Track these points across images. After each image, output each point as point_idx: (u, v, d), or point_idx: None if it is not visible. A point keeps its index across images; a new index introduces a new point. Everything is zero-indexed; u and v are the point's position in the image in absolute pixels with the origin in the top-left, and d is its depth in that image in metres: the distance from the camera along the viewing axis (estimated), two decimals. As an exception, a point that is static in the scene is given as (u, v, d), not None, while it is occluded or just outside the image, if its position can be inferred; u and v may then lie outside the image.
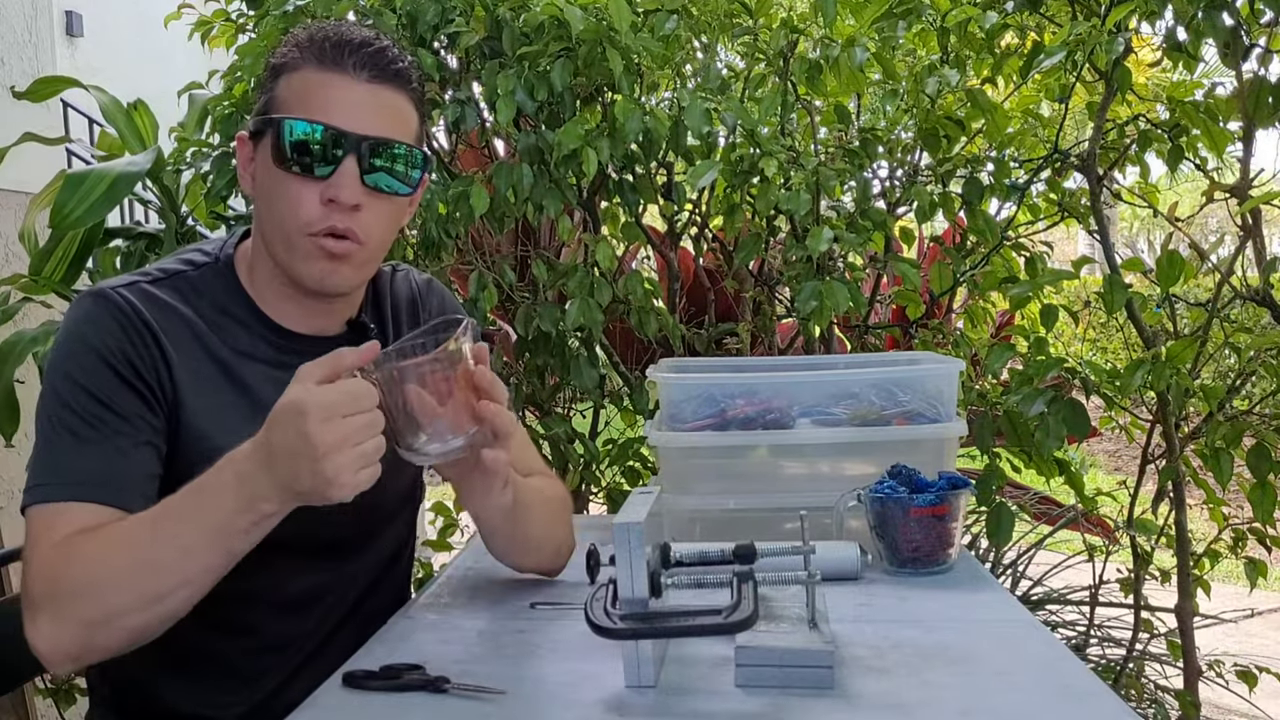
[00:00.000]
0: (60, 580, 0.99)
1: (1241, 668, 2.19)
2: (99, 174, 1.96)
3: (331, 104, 1.10)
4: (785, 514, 1.35)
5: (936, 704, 0.93)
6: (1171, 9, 1.86)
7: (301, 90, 1.11)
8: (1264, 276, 1.93)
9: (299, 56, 1.12)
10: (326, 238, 1.11)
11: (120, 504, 1.04)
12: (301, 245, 1.12)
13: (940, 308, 2.31)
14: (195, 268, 1.19)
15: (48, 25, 4.65)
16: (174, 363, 1.12)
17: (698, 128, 1.91)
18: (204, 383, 1.14)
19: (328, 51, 1.11)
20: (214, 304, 1.17)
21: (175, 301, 1.15)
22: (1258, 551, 2.09)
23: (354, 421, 0.94)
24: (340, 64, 1.11)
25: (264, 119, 1.13)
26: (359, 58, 1.11)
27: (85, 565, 0.98)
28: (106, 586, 0.98)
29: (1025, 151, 2.12)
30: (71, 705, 2.26)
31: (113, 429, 1.07)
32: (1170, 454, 2.04)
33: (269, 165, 1.12)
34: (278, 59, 1.15)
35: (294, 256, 1.13)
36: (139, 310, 1.11)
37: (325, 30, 1.13)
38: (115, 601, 0.98)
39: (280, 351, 1.19)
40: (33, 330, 2.05)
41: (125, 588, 0.98)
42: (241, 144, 1.18)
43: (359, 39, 1.12)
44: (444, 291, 1.40)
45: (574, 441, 2.18)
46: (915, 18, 2.07)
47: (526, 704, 0.96)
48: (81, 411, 1.07)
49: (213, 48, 2.33)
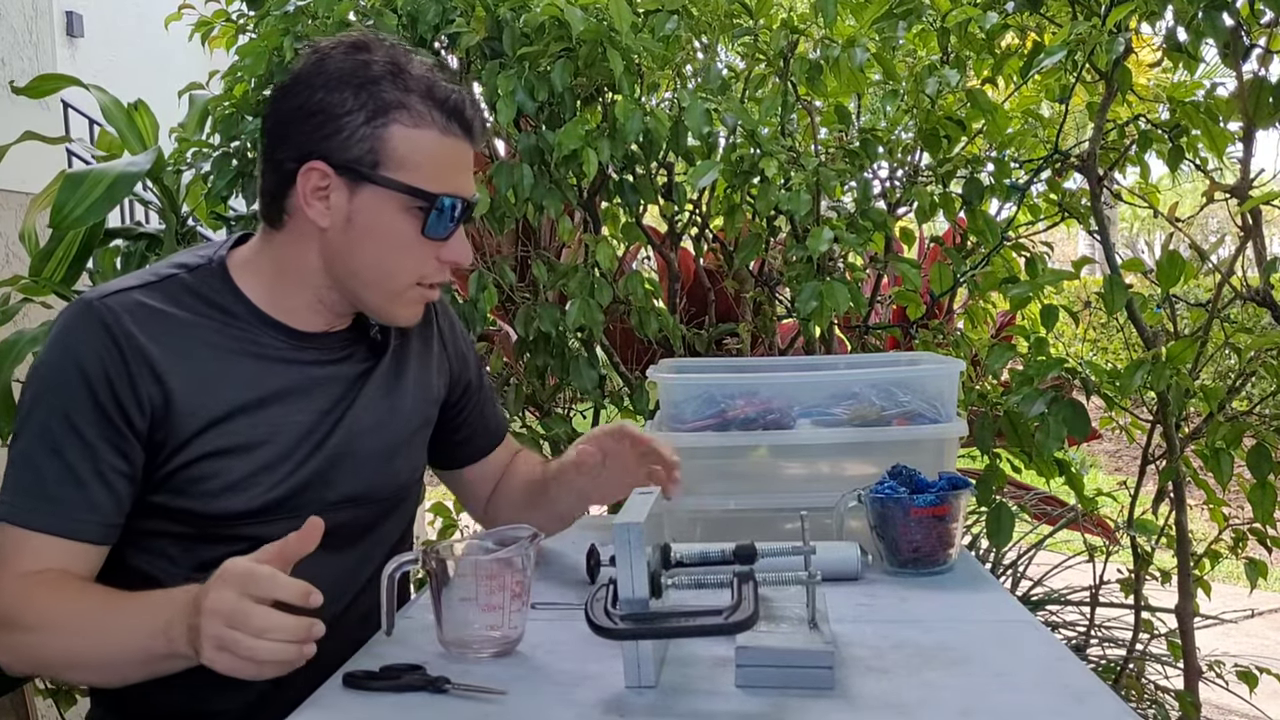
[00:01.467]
0: (15, 618, 1.06)
1: (1242, 668, 2.19)
2: (99, 174, 1.96)
3: (461, 174, 1.18)
4: (785, 514, 1.36)
5: (936, 704, 0.93)
6: (1171, 9, 1.86)
7: (438, 159, 1.16)
8: (1264, 276, 1.93)
9: (421, 109, 1.14)
10: (432, 289, 1.22)
11: (75, 535, 1.10)
12: (411, 294, 1.20)
13: (940, 308, 2.31)
14: (189, 270, 1.20)
15: (48, 25, 4.65)
16: (164, 368, 1.12)
17: (698, 128, 1.92)
18: (198, 365, 1.14)
19: (450, 112, 1.16)
20: (209, 303, 1.18)
21: (166, 305, 1.15)
22: (1258, 552, 2.09)
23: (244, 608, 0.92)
24: (464, 129, 1.17)
25: (371, 162, 1.13)
26: (476, 124, 1.18)
27: (37, 615, 1.06)
28: (49, 644, 1.06)
29: (1025, 152, 2.12)
30: (72, 705, 2.26)
31: (76, 456, 1.09)
32: (1170, 454, 2.04)
33: (387, 213, 1.15)
34: (387, 95, 1.13)
35: (395, 302, 1.21)
36: (125, 326, 1.11)
37: (442, 88, 1.16)
38: (55, 659, 1.07)
39: (282, 346, 1.21)
40: (33, 330, 2.04)
41: (69, 648, 1.06)
42: (317, 173, 1.14)
43: (468, 100, 1.17)
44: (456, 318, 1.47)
45: (574, 442, 2.18)
46: (915, 18, 2.06)
47: (526, 704, 0.96)
48: (57, 431, 1.10)
49: (213, 48, 2.33)
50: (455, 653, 1.06)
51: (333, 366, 1.24)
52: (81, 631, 1.04)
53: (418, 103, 1.14)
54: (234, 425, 1.15)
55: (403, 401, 1.31)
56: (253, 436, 1.16)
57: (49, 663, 1.09)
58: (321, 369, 1.23)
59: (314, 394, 1.22)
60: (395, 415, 1.30)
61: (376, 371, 1.28)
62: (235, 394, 1.16)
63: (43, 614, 1.05)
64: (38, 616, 1.05)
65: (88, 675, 1.09)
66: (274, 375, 1.19)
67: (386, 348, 1.30)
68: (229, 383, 1.16)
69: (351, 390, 1.25)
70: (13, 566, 1.08)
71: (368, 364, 1.28)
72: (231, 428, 1.15)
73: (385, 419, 1.28)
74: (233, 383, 1.16)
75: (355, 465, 1.24)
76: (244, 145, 2.07)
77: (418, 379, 1.34)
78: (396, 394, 1.30)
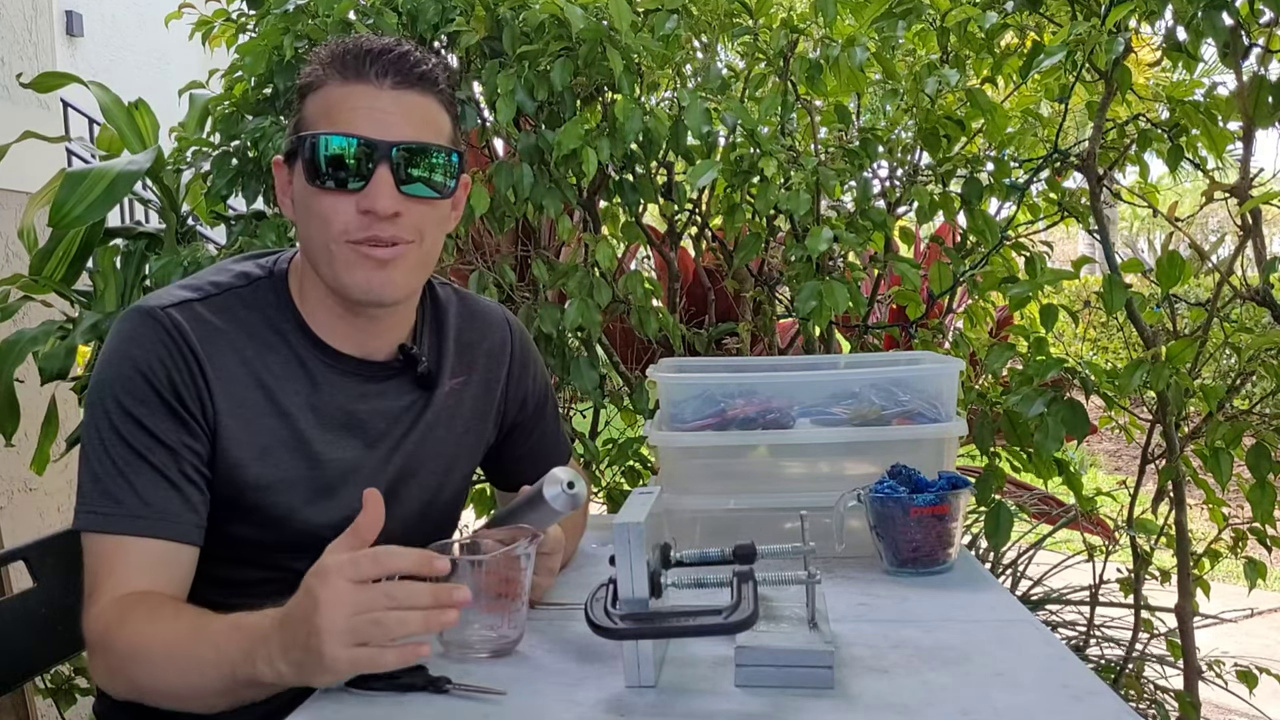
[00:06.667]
0: (113, 640, 1.03)
1: (1241, 668, 2.19)
2: (98, 173, 1.96)
3: (358, 115, 1.10)
4: (785, 514, 1.35)
5: (936, 704, 0.93)
6: (1171, 9, 1.86)
7: (327, 105, 1.11)
8: (1264, 276, 1.93)
9: (322, 73, 1.13)
10: (371, 246, 1.11)
11: (177, 537, 1.08)
12: (342, 254, 1.11)
13: (940, 307, 2.31)
14: (249, 282, 1.19)
15: (48, 25, 4.64)
16: (216, 389, 1.12)
17: (698, 128, 1.91)
18: (246, 409, 1.14)
19: (349, 63, 1.11)
20: (265, 320, 1.17)
21: (225, 323, 1.15)
22: (1258, 551, 2.09)
23: (367, 590, 0.88)
24: (362, 74, 1.11)
25: (294, 139, 1.13)
26: (380, 65, 1.11)
27: (133, 637, 1.02)
28: (145, 668, 1.02)
29: (1025, 151, 2.12)
30: (72, 705, 2.26)
31: (162, 459, 1.09)
32: (1170, 454, 2.03)
33: (304, 184, 1.12)
34: (303, 79, 1.15)
35: (336, 267, 1.12)
36: (185, 334, 1.11)
37: (345, 43, 1.13)
38: (150, 683, 1.02)
39: (327, 370, 1.19)
40: (32, 330, 2.05)
41: (159, 677, 1.02)
42: (278, 169, 1.18)
43: (378, 47, 1.12)
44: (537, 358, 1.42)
45: (574, 441, 2.18)
46: (915, 18, 2.06)
47: (526, 704, 0.96)
48: (134, 441, 1.09)
49: (213, 47, 2.33)
50: (455, 653, 1.06)
51: (376, 400, 1.21)
52: (171, 659, 1.00)
53: (320, 68, 1.14)
54: (264, 468, 1.15)
55: (452, 447, 1.29)
56: (293, 470, 1.16)
57: (143, 690, 1.04)
58: (362, 402, 1.20)
59: (355, 429, 1.20)
60: (442, 461, 1.28)
61: (428, 412, 1.25)
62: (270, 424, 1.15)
63: (134, 642, 1.02)
64: (129, 645, 1.02)
65: (179, 704, 1.02)
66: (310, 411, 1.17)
67: (435, 384, 1.26)
68: (265, 414, 1.15)
69: (396, 427, 1.23)
70: (112, 585, 1.06)
71: (415, 399, 1.24)
72: (261, 470, 1.15)
73: (434, 465, 1.26)
74: (269, 415, 1.15)
75: (400, 511, 1.21)
76: (244, 144, 2.06)
77: (471, 425, 1.31)
78: (448, 440, 1.28)
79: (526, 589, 1.08)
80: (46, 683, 2.21)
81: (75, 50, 6.58)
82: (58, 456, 2.15)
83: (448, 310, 1.31)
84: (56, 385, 2.04)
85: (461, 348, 1.30)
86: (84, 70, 2.76)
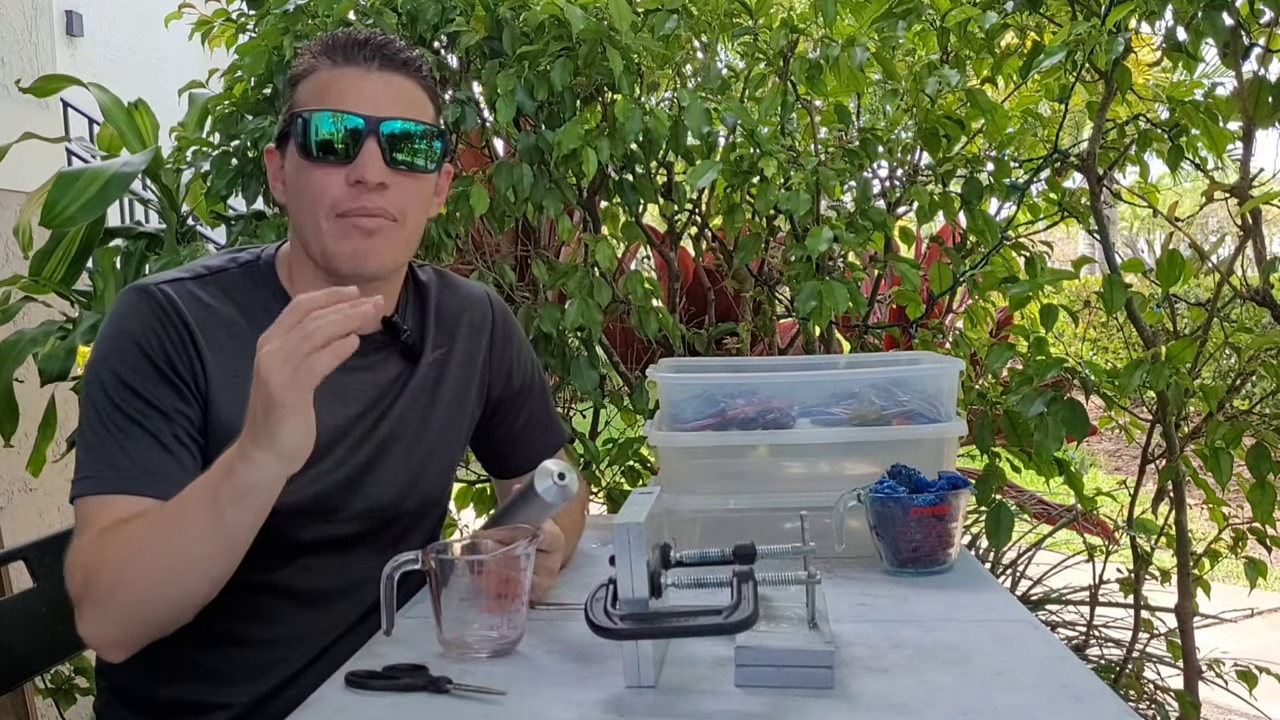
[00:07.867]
0: (97, 569, 1.03)
1: (1241, 668, 2.19)
2: (93, 173, 1.96)
3: (347, 94, 1.17)
4: (785, 514, 1.36)
5: (936, 704, 0.93)
6: (1171, 9, 1.86)
7: (319, 87, 1.18)
8: (1264, 276, 1.93)
9: (314, 61, 1.20)
10: (359, 217, 1.16)
11: (166, 497, 1.07)
12: (332, 226, 1.17)
13: (940, 307, 2.31)
14: (239, 265, 1.24)
15: (48, 25, 4.65)
16: (208, 359, 1.15)
17: (698, 128, 1.92)
18: (239, 380, 1.15)
19: (338, 50, 1.19)
20: (256, 299, 1.21)
21: (217, 300, 1.19)
22: (1258, 551, 2.09)
23: (292, 333, 0.94)
24: (351, 58, 1.18)
25: (287, 119, 1.19)
26: (368, 50, 1.18)
27: (117, 551, 1.02)
28: (134, 569, 1.02)
29: (1025, 151, 2.12)
30: (71, 705, 2.26)
31: (155, 424, 1.11)
32: (1170, 454, 2.04)
33: (296, 163, 1.18)
34: (295, 70, 1.22)
35: (325, 238, 1.17)
36: (178, 307, 1.15)
37: (335, 35, 1.21)
38: (143, 585, 1.02)
39: None
40: (32, 330, 2.05)
41: (149, 568, 1.02)
42: (270, 156, 1.24)
43: (365, 36, 1.20)
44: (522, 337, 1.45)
45: (574, 441, 2.18)
46: (915, 18, 2.06)
47: (527, 704, 0.96)
48: (126, 407, 1.11)
49: (213, 47, 2.33)
50: (455, 653, 1.06)
51: (365, 373, 1.24)
52: (156, 530, 1.02)
53: (311, 57, 1.20)
54: None
55: (437, 416, 1.31)
56: None
57: (137, 605, 1.03)
58: (352, 375, 1.22)
59: (346, 397, 1.22)
60: (428, 429, 1.29)
61: (413, 382, 1.28)
62: None
63: (118, 548, 1.02)
64: (114, 555, 1.02)
65: (174, 600, 1.03)
66: None
67: (419, 355, 1.29)
68: None
69: (385, 397, 1.26)
70: (90, 530, 1.06)
71: (402, 370, 1.28)
72: None
73: (419, 433, 1.28)
74: None
75: (386, 475, 1.25)
76: (244, 144, 2.07)
77: (455, 394, 1.34)
78: (432, 408, 1.30)
79: (526, 589, 1.08)
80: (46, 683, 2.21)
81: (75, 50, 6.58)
82: (57, 457, 2.15)
83: (429, 287, 1.36)
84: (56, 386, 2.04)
85: (442, 320, 1.34)
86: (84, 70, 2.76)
